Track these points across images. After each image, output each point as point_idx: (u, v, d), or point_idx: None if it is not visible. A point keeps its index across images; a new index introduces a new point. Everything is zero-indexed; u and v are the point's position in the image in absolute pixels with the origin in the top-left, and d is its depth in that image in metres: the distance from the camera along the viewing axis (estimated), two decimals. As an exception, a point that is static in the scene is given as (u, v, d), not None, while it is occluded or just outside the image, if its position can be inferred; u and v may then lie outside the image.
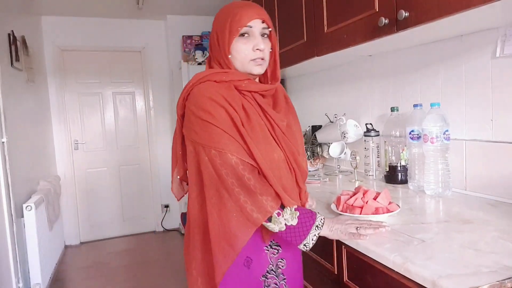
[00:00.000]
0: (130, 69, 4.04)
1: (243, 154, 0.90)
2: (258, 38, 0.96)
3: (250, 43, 0.96)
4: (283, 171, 0.98)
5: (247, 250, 0.96)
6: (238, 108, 0.93)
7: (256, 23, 0.95)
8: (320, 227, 0.93)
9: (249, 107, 0.96)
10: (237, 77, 0.97)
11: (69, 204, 3.84)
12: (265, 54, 0.98)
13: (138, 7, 3.51)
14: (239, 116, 0.92)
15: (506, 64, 1.21)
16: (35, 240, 2.45)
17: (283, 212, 0.90)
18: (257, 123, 0.95)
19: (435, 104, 1.32)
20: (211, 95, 0.92)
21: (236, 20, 0.94)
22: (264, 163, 0.92)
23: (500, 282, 0.68)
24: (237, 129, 0.91)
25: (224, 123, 0.90)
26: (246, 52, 0.96)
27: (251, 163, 0.91)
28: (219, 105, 0.91)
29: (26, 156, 2.75)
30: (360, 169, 1.77)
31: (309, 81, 2.46)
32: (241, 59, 0.97)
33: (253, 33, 0.96)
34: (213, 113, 0.90)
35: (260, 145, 0.93)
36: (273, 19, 2.07)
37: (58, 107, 3.77)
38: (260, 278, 0.99)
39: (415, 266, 0.77)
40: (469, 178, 1.35)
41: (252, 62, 0.97)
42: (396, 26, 1.18)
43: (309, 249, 0.93)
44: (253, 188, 0.89)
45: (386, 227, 0.96)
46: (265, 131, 0.96)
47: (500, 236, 0.91)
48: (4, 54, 2.45)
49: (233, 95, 0.94)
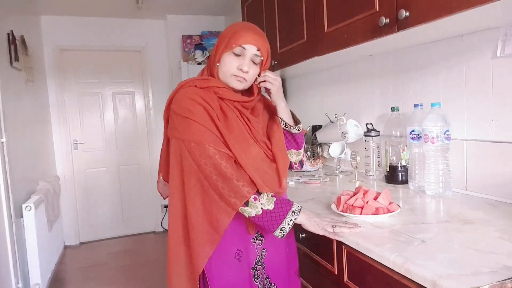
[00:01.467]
0: (130, 69, 4.04)
1: (219, 145, 0.99)
2: (246, 61, 1.05)
3: (237, 62, 1.05)
4: (260, 164, 1.06)
5: (237, 243, 1.05)
6: (215, 107, 1.03)
7: (250, 47, 1.05)
8: (296, 213, 1.00)
9: (227, 108, 1.06)
10: (216, 84, 1.07)
11: (69, 204, 3.84)
12: (248, 77, 1.07)
13: (138, 6, 3.50)
14: (216, 113, 1.02)
15: (506, 64, 1.21)
16: (34, 240, 2.45)
17: (259, 197, 0.98)
18: (235, 122, 1.05)
19: (435, 104, 1.32)
20: (190, 96, 1.03)
21: (235, 37, 1.04)
22: (240, 153, 1.00)
23: (501, 282, 0.68)
24: (214, 124, 1.00)
25: (202, 118, 1.00)
26: (229, 67, 1.06)
27: (227, 153, 0.99)
28: (197, 103, 1.01)
29: (26, 156, 2.75)
30: (361, 169, 1.77)
31: (309, 81, 2.45)
32: (225, 70, 1.07)
33: (244, 54, 1.05)
34: (192, 109, 1.00)
35: (237, 141, 1.02)
36: (273, 19, 2.07)
37: (58, 107, 3.77)
38: (250, 270, 1.06)
39: (415, 266, 0.77)
40: (470, 178, 1.35)
41: (233, 77, 1.06)
42: (396, 25, 1.18)
43: (285, 235, 0.98)
44: (229, 175, 0.97)
45: (361, 228, 1.00)
46: (243, 130, 1.06)
47: (501, 236, 0.91)
48: (3, 54, 2.44)
49: (212, 97, 1.04)
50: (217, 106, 1.04)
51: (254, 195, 0.98)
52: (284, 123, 1.16)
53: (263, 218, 0.98)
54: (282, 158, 1.11)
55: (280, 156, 1.10)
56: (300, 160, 1.24)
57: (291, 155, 1.21)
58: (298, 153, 1.22)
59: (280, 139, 1.13)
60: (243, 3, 2.51)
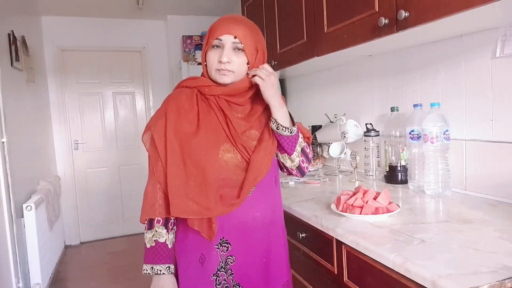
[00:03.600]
0: (130, 69, 4.04)
1: (159, 174, 1.02)
2: (225, 51, 1.01)
3: (217, 55, 1.02)
4: (225, 170, 1.01)
5: (201, 248, 1.03)
6: (184, 113, 1.03)
7: (226, 37, 1.02)
8: (155, 271, 1.01)
9: (207, 111, 1.05)
10: (203, 83, 1.06)
11: (69, 204, 3.84)
12: (234, 67, 1.02)
13: (138, 7, 3.50)
14: (184, 117, 1.03)
15: (506, 64, 1.21)
16: (35, 240, 2.45)
17: (146, 232, 1.03)
18: (208, 127, 1.03)
19: (435, 104, 1.32)
20: (166, 104, 1.06)
21: (212, 32, 1.04)
22: (178, 165, 1.00)
23: (500, 282, 0.68)
24: (165, 138, 1.01)
25: (159, 131, 1.02)
26: (212, 62, 1.03)
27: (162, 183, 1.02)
28: (163, 115, 1.03)
29: (26, 156, 2.75)
30: (360, 169, 1.77)
31: (309, 81, 2.46)
32: (209, 67, 1.05)
33: (222, 45, 1.02)
34: (155, 117, 1.06)
35: (205, 146, 1.01)
36: (273, 19, 2.07)
37: (58, 107, 3.77)
38: (211, 276, 1.03)
39: (415, 266, 0.77)
40: (469, 178, 1.35)
41: (217, 72, 1.03)
42: (396, 26, 1.18)
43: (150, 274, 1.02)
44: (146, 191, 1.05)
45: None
46: (218, 133, 1.03)
47: (500, 236, 0.91)
48: (4, 54, 2.44)
49: (190, 100, 1.05)
50: (189, 108, 1.04)
51: (146, 224, 1.03)
52: (276, 124, 1.03)
53: (145, 248, 1.03)
54: (256, 168, 1.01)
55: (254, 165, 1.01)
56: (297, 166, 1.12)
57: (285, 159, 1.11)
58: (292, 160, 1.10)
59: (266, 147, 1.03)
60: (243, 3, 2.51)
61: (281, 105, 1.03)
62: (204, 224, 0.99)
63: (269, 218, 1.08)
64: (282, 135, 1.04)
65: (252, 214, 1.05)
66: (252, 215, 1.05)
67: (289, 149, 1.07)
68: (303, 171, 1.14)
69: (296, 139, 1.07)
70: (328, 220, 1.12)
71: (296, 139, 1.07)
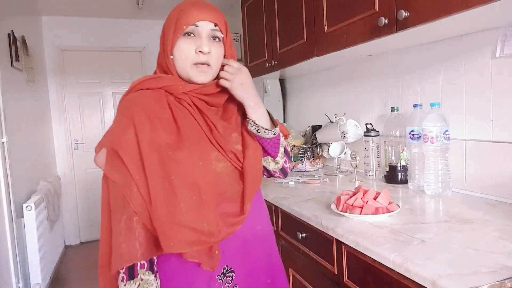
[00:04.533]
0: (130, 69, 4.04)
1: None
2: (204, 40, 0.84)
3: (193, 44, 0.84)
4: (228, 183, 0.86)
5: (198, 283, 0.83)
6: (158, 122, 0.82)
7: (204, 23, 0.84)
8: None
9: (184, 115, 0.85)
10: (171, 82, 0.86)
11: (69, 204, 3.85)
12: (212, 60, 0.86)
13: (138, 7, 3.51)
14: (159, 128, 0.81)
15: (506, 64, 1.21)
16: (35, 240, 2.45)
17: (127, 284, 0.76)
18: (191, 134, 0.84)
19: (435, 104, 1.32)
20: (130, 111, 0.82)
21: (182, 17, 0.84)
22: (163, 202, 0.77)
23: (500, 282, 0.68)
24: (140, 155, 0.78)
25: (129, 155, 0.79)
26: (188, 53, 0.84)
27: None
28: (131, 125, 0.80)
29: (26, 156, 2.75)
30: (360, 169, 1.77)
31: (309, 81, 2.46)
32: (182, 61, 0.85)
33: (199, 33, 0.85)
34: (117, 130, 0.83)
35: (193, 158, 0.81)
36: (273, 19, 2.07)
37: (58, 107, 3.77)
38: None
39: (415, 266, 0.77)
40: (469, 178, 1.35)
41: (194, 68, 0.85)
42: (396, 26, 1.18)
43: None
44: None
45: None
46: (203, 141, 0.85)
47: (500, 236, 0.91)
48: (4, 54, 2.44)
49: (160, 105, 0.84)
50: (162, 115, 0.83)
51: (123, 274, 0.76)
52: (255, 127, 0.88)
53: None
54: (253, 179, 0.88)
55: (250, 175, 0.87)
56: (281, 168, 0.99)
57: (267, 162, 0.97)
58: (276, 162, 0.97)
59: (255, 151, 0.90)
60: (243, 3, 2.51)
61: (257, 105, 0.88)
62: (204, 254, 0.80)
63: (268, 228, 0.98)
64: (263, 138, 0.90)
65: (254, 229, 0.91)
66: (254, 231, 0.91)
67: (273, 152, 0.94)
68: (286, 172, 1.01)
69: (278, 139, 0.93)
70: (328, 220, 1.12)
71: (279, 139, 0.93)
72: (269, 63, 2.16)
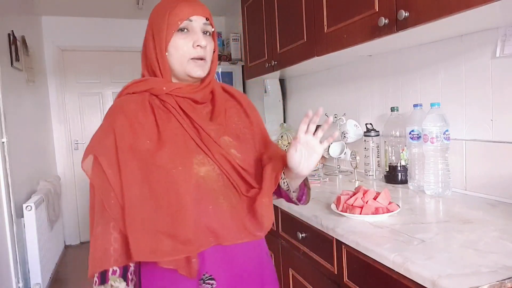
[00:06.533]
0: (130, 69, 4.04)
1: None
2: (199, 34, 0.85)
3: (190, 39, 0.84)
4: (211, 188, 0.82)
5: (184, 285, 0.81)
6: (139, 126, 0.81)
7: (197, 18, 0.85)
8: None
9: (167, 118, 0.84)
10: (156, 84, 0.85)
11: (69, 204, 3.84)
12: (207, 54, 0.87)
13: (138, 7, 3.50)
14: (135, 137, 0.80)
15: (506, 64, 1.21)
16: (35, 240, 2.45)
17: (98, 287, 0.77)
18: (173, 138, 0.82)
19: (435, 104, 1.32)
20: (112, 117, 0.83)
21: (175, 13, 0.83)
22: (138, 208, 0.76)
23: (500, 282, 0.68)
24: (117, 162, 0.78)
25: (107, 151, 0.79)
26: (185, 49, 0.84)
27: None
28: (111, 132, 0.80)
29: (26, 156, 2.75)
30: (360, 169, 1.77)
31: (309, 81, 2.46)
32: (179, 57, 0.84)
33: (193, 28, 0.85)
34: (98, 136, 0.83)
35: (174, 162, 0.79)
36: (273, 19, 2.07)
37: (58, 107, 3.77)
38: None
39: (415, 266, 0.77)
40: (469, 178, 1.35)
41: (192, 62, 0.85)
42: (396, 26, 1.18)
43: None
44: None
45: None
46: (187, 144, 0.83)
47: (500, 236, 0.91)
48: (4, 54, 2.45)
49: (143, 109, 0.83)
50: (143, 119, 0.82)
51: (96, 278, 0.78)
52: (286, 186, 0.88)
53: None
54: (267, 218, 0.83)
55: (268, 180, 0.83)
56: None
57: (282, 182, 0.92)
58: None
59: (253, 149, 0.90)
60: (243, 3, 2.51)
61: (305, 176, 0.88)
62: (180, 261, 0.78)
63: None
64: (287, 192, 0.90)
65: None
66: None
67: (300, 198, 0.93)
68: (295, 203, 0.95)
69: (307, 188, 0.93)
70: (328, 220, 1.12)
71: (300, 200, 0.93)
72: (269, 63, 2.16)
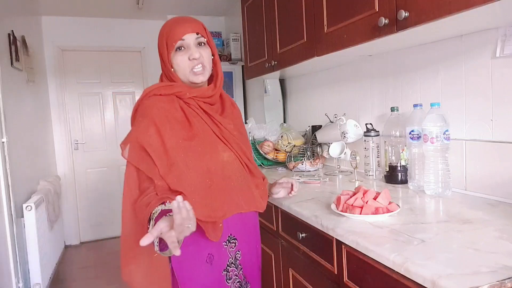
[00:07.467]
0: (130, 69, 4.05)
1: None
2: (193, 49, 1.05)
3: (186, 55, 1.05)
4: (232, 169, 1.07)
5: (209, 247, 1.04)
6: (175, 121, 1.02)
7: (188, 36, 1.05)
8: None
9: (194, 115, 1.06)
10: (180, 89, 1.07)
11: (69, 204, 3.85)
12: (204, 61, 1.07)
13: (138, 7, 3.51)
14: (175, 124, 1.02)
15: (506, 64, 1.21)
16: (35, 240, 2.45)
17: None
18: (201, 130, 1.05)
19: (435, 104, 1.32)
20: (150, 113, 1.02)
21: (170, 36, 1.05)
22: (188, 180, 0.97)
23: (500, 282, 0.68)
24: (163, 147, 0.98)
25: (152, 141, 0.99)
26: (184, 64, 1.06)
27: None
28: (152, 124, 1.00)
29: (26, 156, 2.75)
30: (360, 169, 1.77)
31: (309, 81, 2.46)
32: (181, 70, 1.07)
33: (187, 45, 1.06)
34: (141, 128, 1.01)
35: (205, 148, 1.02)
36: (273, 19, 2.07)
37: (58, 107, 3.77)
38: (222, 272, 1.06)
39: (415, 266, 0.77)
40: (469, 178, 1.35)
41: (192, 72, 1.06)
42: (396, 26, 1.18)
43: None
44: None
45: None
46: (211, 135, 1.06)
47: (500, 236, 0.91)
48: (4, 54, 2.44)
49: (174, 108, 1.04)
50: (176, 119, 1.03)
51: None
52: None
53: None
54: (257, 172, 1.19)
55: (254, 169, 1.17)
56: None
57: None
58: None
59: (249, 145, 1.19)
60: (243, 3, 2.51)
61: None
62: (209, 226, 0.98)
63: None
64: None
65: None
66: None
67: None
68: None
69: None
70: (328, 220, 1.12)
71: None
72: (269, 63, 2.16)
